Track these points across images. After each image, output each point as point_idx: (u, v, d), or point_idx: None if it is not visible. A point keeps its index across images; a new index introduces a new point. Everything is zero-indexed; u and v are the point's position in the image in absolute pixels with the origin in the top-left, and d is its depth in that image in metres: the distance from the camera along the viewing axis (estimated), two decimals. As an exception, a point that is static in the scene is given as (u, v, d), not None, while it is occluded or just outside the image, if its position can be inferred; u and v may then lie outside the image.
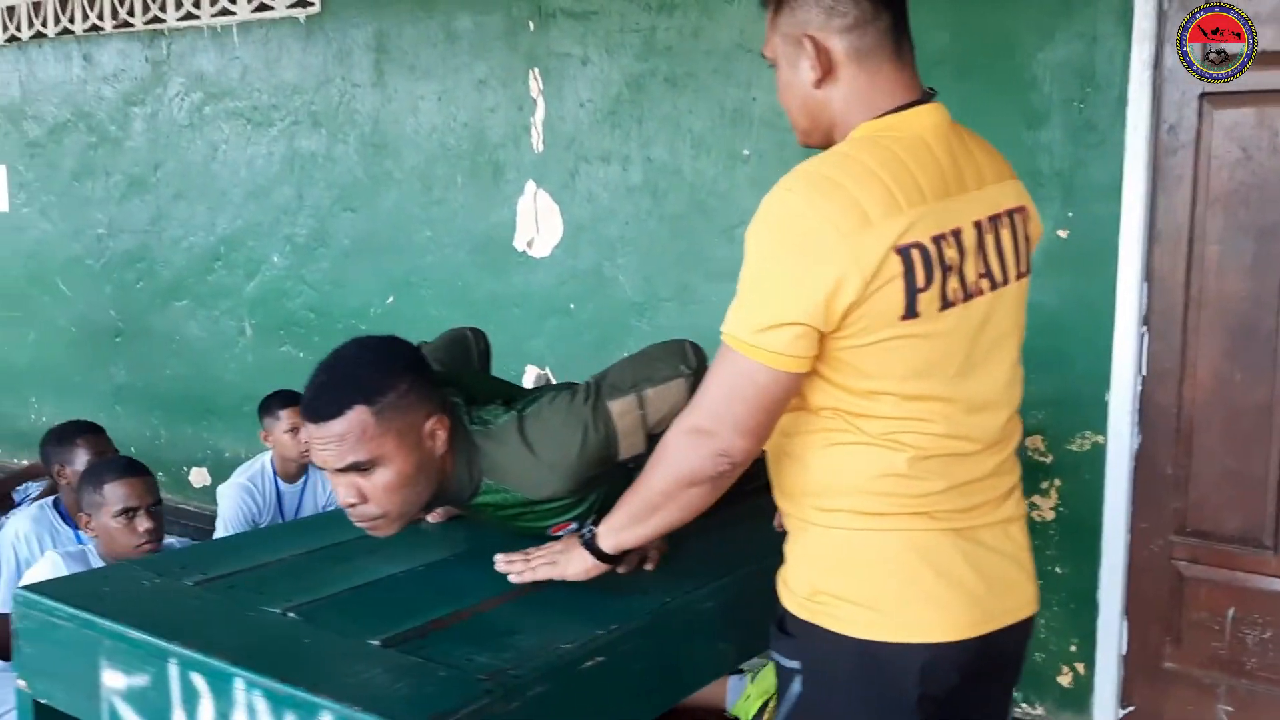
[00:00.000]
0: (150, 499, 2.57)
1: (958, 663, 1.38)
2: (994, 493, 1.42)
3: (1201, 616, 2.85)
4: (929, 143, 1.36)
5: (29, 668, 1.56)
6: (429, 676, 1.31)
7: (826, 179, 1.30)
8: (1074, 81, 2.83)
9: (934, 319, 1.32)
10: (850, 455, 1.36)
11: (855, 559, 1.37)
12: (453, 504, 1.77)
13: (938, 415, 1.35)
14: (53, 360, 5.42)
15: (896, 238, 1.28)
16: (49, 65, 5.18)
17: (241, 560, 1.72)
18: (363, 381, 1.55)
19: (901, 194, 1.29)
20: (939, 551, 1.37)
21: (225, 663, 1.33)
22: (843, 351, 1.32)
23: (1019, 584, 1.45)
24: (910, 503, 1.36)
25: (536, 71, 3.75)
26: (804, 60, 1.39)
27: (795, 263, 1.28)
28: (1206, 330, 2.79)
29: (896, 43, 1.39)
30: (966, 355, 1.37)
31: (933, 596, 1.36)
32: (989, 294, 1.38)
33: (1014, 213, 1.45)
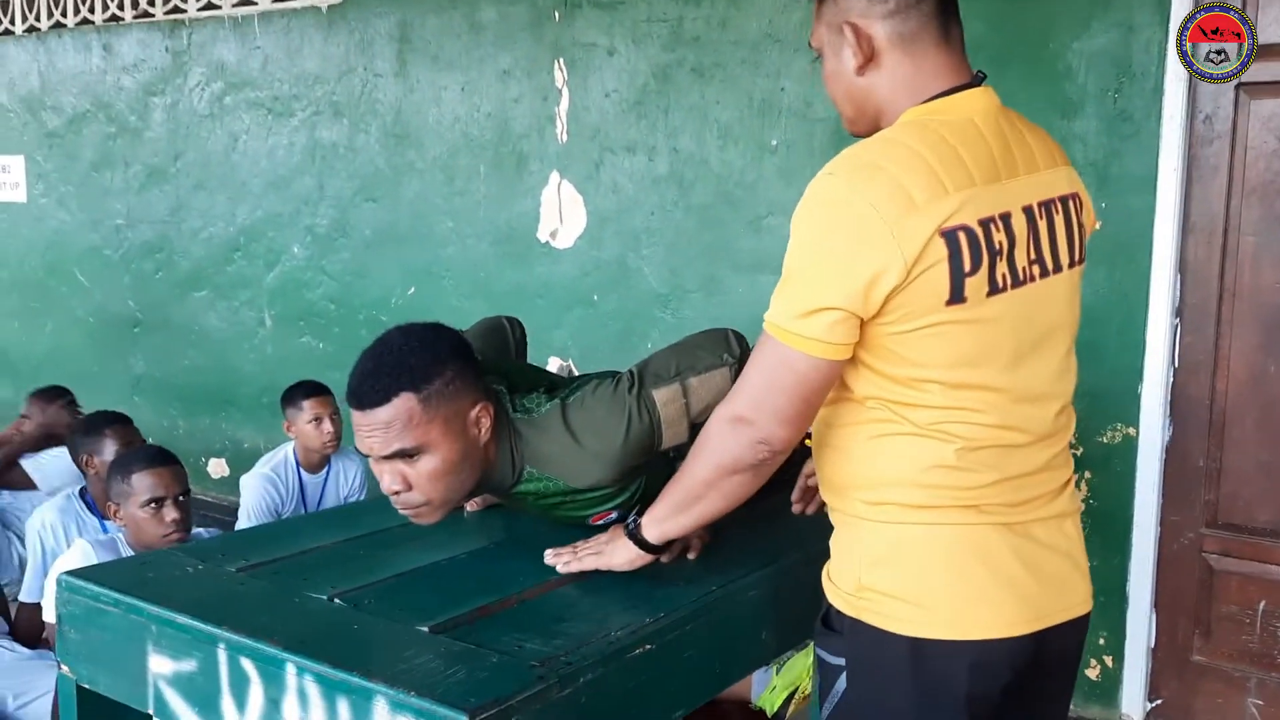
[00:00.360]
0: (178, 489, 2.56)
1: (1009, 661, 1.35)
2: (1047, 487, 1.39)
3: (1231, 610, 2.84)
4: (978, 126, 1.33)
5: (73, 653, 1.55)
6: (481, 662, 1.29)
7: (870, 163, 1.28)
8: (1110, 71, 2.82)
9: (982, 304, 1.29)
10: (897, 447, 1.34)
11: (903, 554, 1.35)
12: (495, 492, 1.76)
13: (987, 405, 1.32)
14: (71, 351, 5.43)
15: (942, 221, 1.25)
16: (68, 55, 5.18)
17: (283, 547, 1.71)
18: (409, 369, 1.54)
19: (948, 177, 1.27)
20: (989, 547, 1.34)
21: (276, 648, 1.32)
22: (887, 338, 1.30)
23: (1073, 581, 1.41)
24: (960, 495, 1.33)
25: (561, 62, 3.74)
26: (846, 48, 1.37)
27: (837, 247, 1.27)
28: (1240, 322, 2.78)
29: (943, 26, 1.37)
30: (1017, 344, 1.34)
31: (983, 593, 1.34)
32: (1040, 281, 1.35)
33: (1068, 199, 1.41)
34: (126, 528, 2.56)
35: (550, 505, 1.74)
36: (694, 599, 1.54)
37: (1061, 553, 1.40)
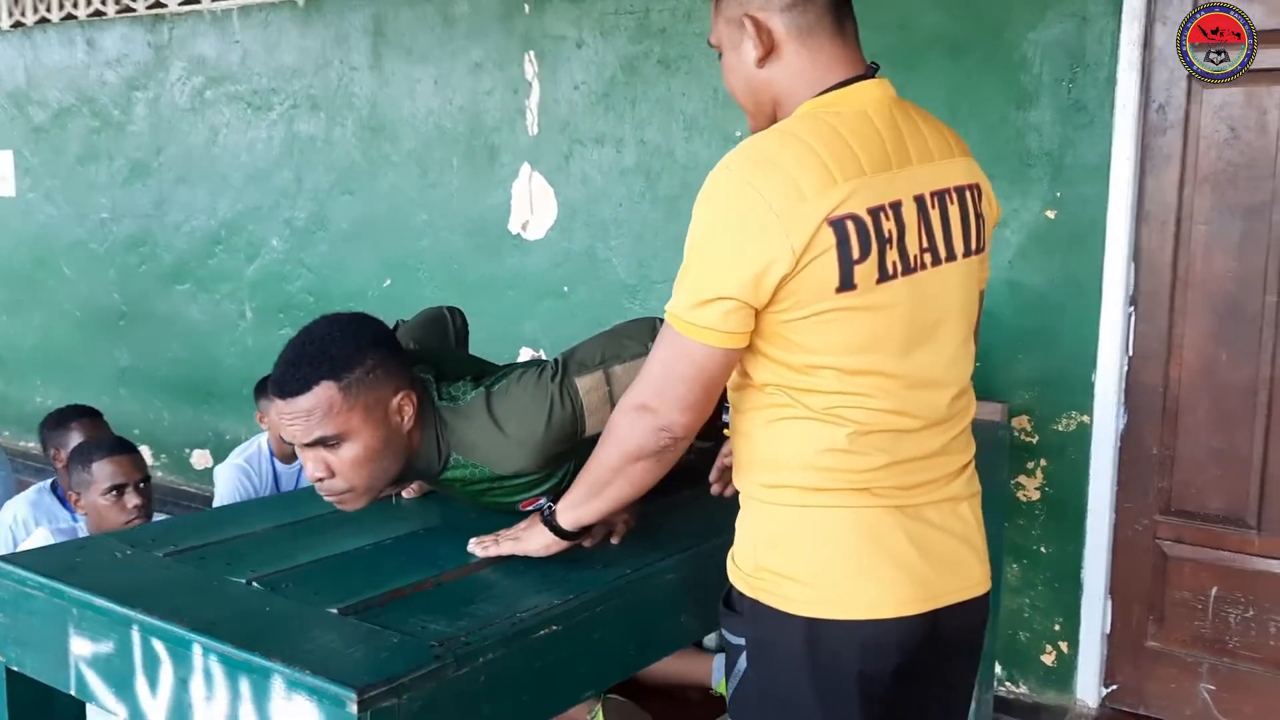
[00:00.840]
0: (138, 475, 2.61)
1: (899, 640, 1.38)
2: (942, 471, 1.42)
3: (1185, 596, 2.86)
4: (870, 117, 1.36)
5: (3, 637, 1.59)
6: (382, 642, 1.32)
7: (762, 156, 1.31)
8: (1064, 61, 2.83)
9: (872, 291, 1.32)
10: (792, 430, 1.37)
11: (798, 536, 1.38)
12: (422, 479, 1.79)
13: (879, 390, 1.35)
14: (58, 343, 5.48)
15: (830, 210, 1.28)
16: (53, 50, 5.23)
17: (214, 533, 1.74)
18: (330, 358, 1.57)
19: (837, 167, 1.29)
20: (881, 529, 1.37)
21: (184, 629, 1.35)
22: (781, 326, 1.33)
23: (967, 562, 1.44)
24: (852, 478, 1.36)
25: (532, 54, 3.76)
26: (746, 41, 1.39)
27: (729, 239, 1.30)
28: (1193, 310, 2.79)
29: (838, 20, 1.40)
30: (908, 330, 1.36)
31: (874, 573, 1.37)
32: (932, 269, 1.38)
33: (964, 189, 1.43)
34: (88, 516, 2.60)
35: (478, 492, 1.77)
36: (606, 582, 1.56)
37: (956, 535, 1.43)
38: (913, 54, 3.01)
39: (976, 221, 1.45)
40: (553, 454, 1.70)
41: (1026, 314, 2.93)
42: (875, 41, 2.99)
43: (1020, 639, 3.04)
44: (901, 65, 3.03)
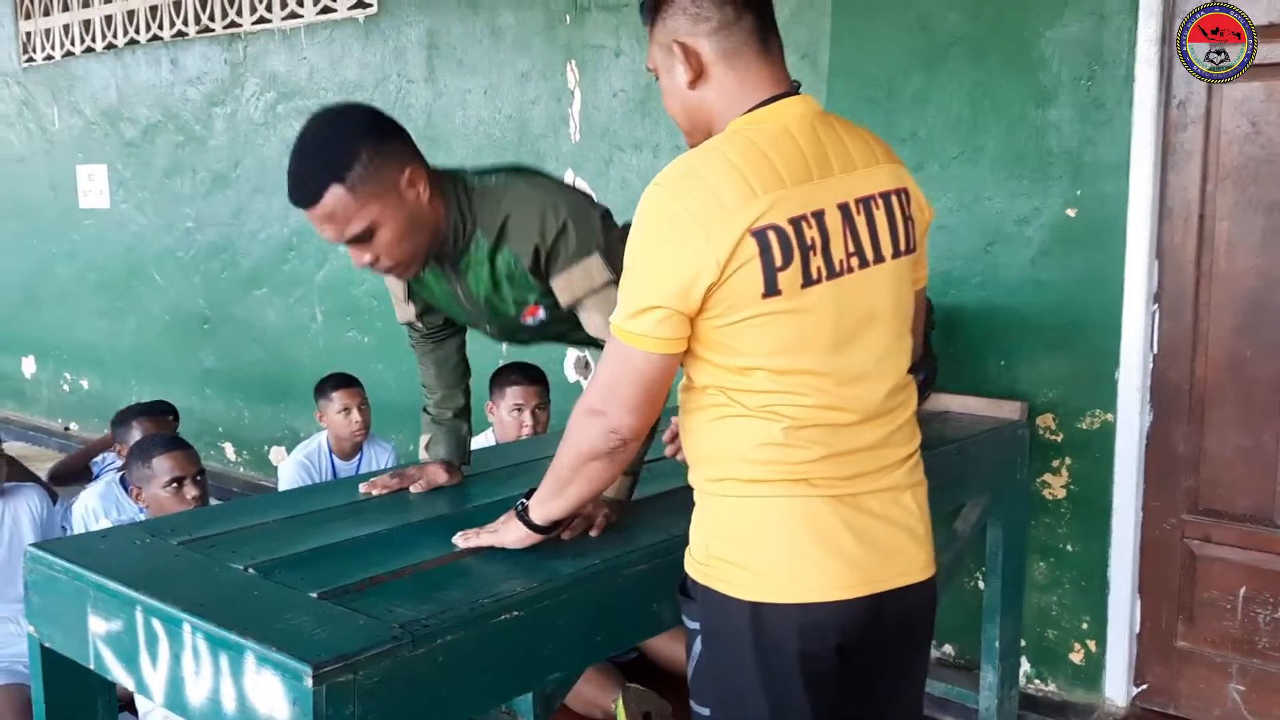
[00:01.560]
0: (195, 469, 2.80)
1: (839, 623, 1.45)
2: (881, 462, 1.49)
3: (1213, 595, 2.83)
4: (792, 132, 1.43)
5: (37, 615, 1.77)
6: (349, 624, 1.45)
7: (687, 171, 1.40)
8: (1082, 60, 2.83)
9: (797, 295, 1.39)
10: (732, 427, 1.45)
11: (740, 525, 1.47)
12: (447, 259, 1.87)
13: (810, 388, 1.42)
14: (150, 346, 5.81)
15: (751, 221, 1.36)
16: (141, 70, 5.54)
17: (227, 524, 1.90)
18: (327, 163, 1.66)
19: (757, 181, 1.37)
20: (819, 517, 1.44)
21: (178, 610, 1.50)
22: (714, 331, 1.41)
23: (906, 549, 1.51)
24: (790, 470, 1.44)
25: (573, 64, 3.88)
26: (677, 65, 1.48)
27: (659, 251, 1.39)
28: (1218, 307, 2.77)
29: (763, 41, 1.47)
30: (836, 330, 1.43)
31: (813, 559, 1.44)
32: (859, 271, 1.45)
33: (890, 194, 1.50)
34: (150, 508, 2.79)
35: (490, 289, 1.88)
36: (573, 571, 1.67)
37: (896, 524, 1.50)
38: (933, 54, 3.04)
39: (905, 224, 1.52)
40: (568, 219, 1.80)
41: (1049, 312, 2.93)
42: (896, 42, 3.07)
43: (1048, 637, 3.05)
44: (922, 65, 3.07)
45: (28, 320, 6.56)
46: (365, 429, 3.80)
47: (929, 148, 3.08)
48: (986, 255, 3.01)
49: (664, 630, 1.83)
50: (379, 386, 4.11)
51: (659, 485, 2.09)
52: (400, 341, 4.68)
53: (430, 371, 2.19)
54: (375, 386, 3.90)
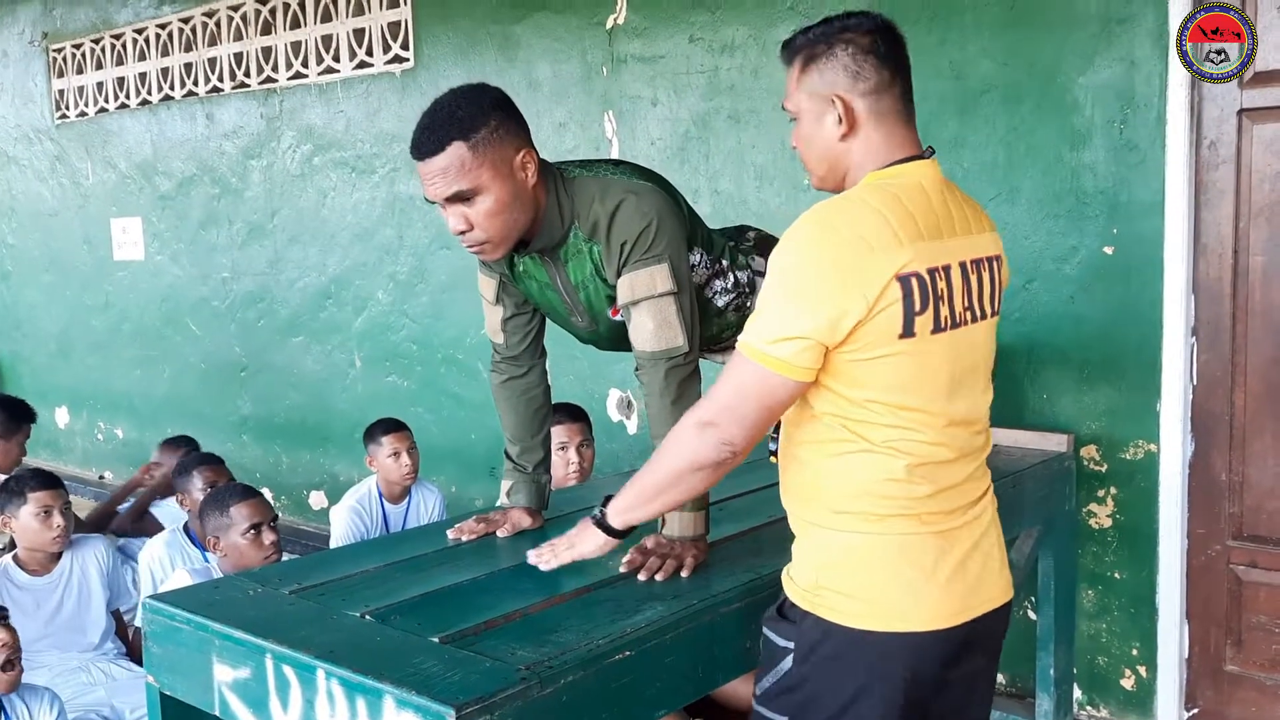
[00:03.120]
0: (271, 514, 2.89)
1: (940, 651, 1.58)
2: (969, 497, 1.63)
3: (1261, 620, 2.90)
4: (926, 190, 1.58)
5: (156, 664, 1.85)
6: (476, 667, 1.53)
7: (840, 215, 1.52)
8: (1114, 103, 2.94)
9: (926, 340, 1.53)
10: (856, 462, 1.57)
11: (854, 558, 1.58)
12: (546, 247, 1.96)
13: (924, 425, 1.55)
14: (186, 394, 5.90)
15: (898, 268, 1.49)
16: (176, 124, 5.67)
17: (331, 572, 1.99)
18: (458, 120, 1.79)
19: (902, 231, 1.51)
20: (925, 552, 1.57)
21: (310, 657, 1.58)
22: (847, 364, 1.53)
23: (992, 576, 1.65)
24: (906, 505, 1.56)
25: (611, 114, 4.00)
26: (829, 116, 1.59)
27: (810, 285, 1.50)
28: (1255, 338, 2.86)
29: (906, 106, 1.62)
30: (951, 375, 1.57)
31: (919, 592, 1.56)
32: (972, 325, 1.60)
33: (992, 260, 1.67)
34: (228, 557, 2.87)
35: (583, 280, 1.98)
36: (675, 611, 1.75)
37: (983, 552, 1.64)
38: (968, 101, 3.16)
39: (996, 288, 1.68)
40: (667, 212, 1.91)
41: (1090, 346, 3.03)
42: (932, 90, 3.19)
43: (1099, 663, 3.12)
44: (957, 112, 3.18)
45: (61, 371, 6.66)
46: (414, 472, 3.88)
47: (966, 189, 3.10)
48: (1026, 292, 3.11)
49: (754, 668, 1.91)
50: (420, 431, 4.19)
51: (737, 525, 2.18)
52: (440, 385, 4.79)
53: (510, 417, 2.25)
54: (416, 431, 3.97)
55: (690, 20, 3.74)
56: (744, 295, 2.17)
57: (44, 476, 3.21)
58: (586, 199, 1.91)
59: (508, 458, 2.26)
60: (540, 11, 4.16)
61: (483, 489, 4.56)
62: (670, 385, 1.94)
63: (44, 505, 3.10)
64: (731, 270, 2.15)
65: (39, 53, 6.41)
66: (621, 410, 4.12)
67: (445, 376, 4.69)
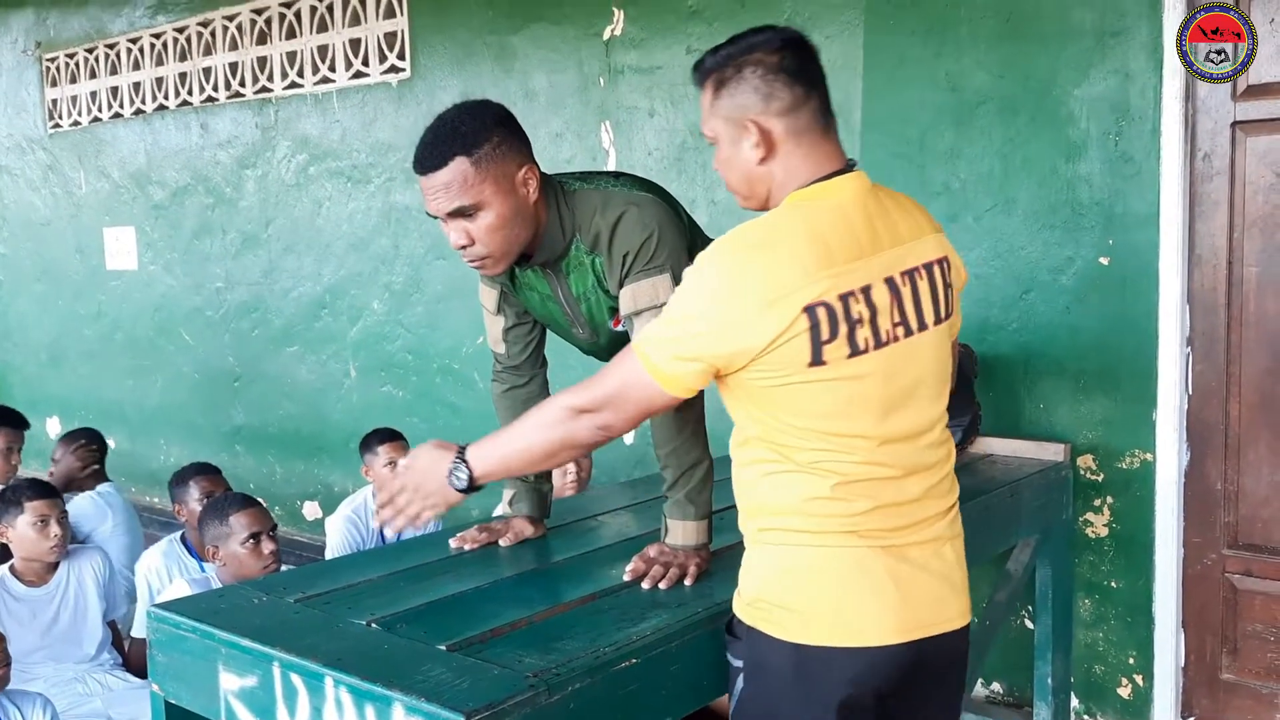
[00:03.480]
0: (270, 524, 2.89)
1: (880, 668, 1.54)
2: (923, 514, 1.58)
3: (1256, 628, 2.92)
4: (845, 208, 1.53)
5: (161, 673, 1.84)
6: (485, 674, 1.54)
7: (755, 243, 1.49)
8: (1109, 116, 2.97)
9: (842, 365, 1.49)
10: (783, 482, 1.55)
11: (790, 570, 1.56)
12: (548, 260, 1.97)
13: (857, 448, 1.52)
14: (179, 404, 5.88)
15: (805, 300, 1.46)
16: (171, 134, 5.67)
17: (335, 580, 1.99)
18: (461, 135, 1.79)
19: (813, 260, 1.47)
20: (865, 566, 1.53)
21: (318, 665, 1.58)
22: (764, 390, 1.51)
23: (946, 599, 1.60)
24: (839, 522, 1.53)
25: (608, 124, 4.02)
26: (746, 140, 1.55)
27: (715, 312, 1.48)
28: (1250, 349, 2.88)
29: (824, 120, 1.58)
30: (886, 395, 1.53)
31: (857, 606, 1.53)
32: (904, 341, 1.55)
33: (933, 264, 1.60)
34: (227, 566, 2.86)
35: (585, 292, 1.98)
36: (680, 619, 1.76)
37: (936, 574, 1.59)
38: (963, 112, 3.18)
39: (945, 291, 1.62)
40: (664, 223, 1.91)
41: (1086, 356, 3.05)
42: (928, 102, 3.21)
43: (1096, 672, 3.13)
44: (953, 122, 3.21)
45: (52, 381, 6.64)
46: (411, 483, 3.87)
47: (962, 200, 3.22)
48: (1022, 303, 3.13)
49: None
50: (415, 440, 4.17)
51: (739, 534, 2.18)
52: (436, 395, 4.79)
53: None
54: (412, 441, 3.97)
55: (687, 31, 3.77)
56: None
57: (41, 486, 3.20)
58: (588, 212, 1.92)
59: (509, 467, 2.26)
60: (537, 23, 4.18)
61: (479, 499, 4.51)
62: None
63: (41, 515, 3.09)
64: None
65: (32, 62, 6.40)
66: (618, 420, 4.13)
67: (441, 386, 4.70)
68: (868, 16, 3.36)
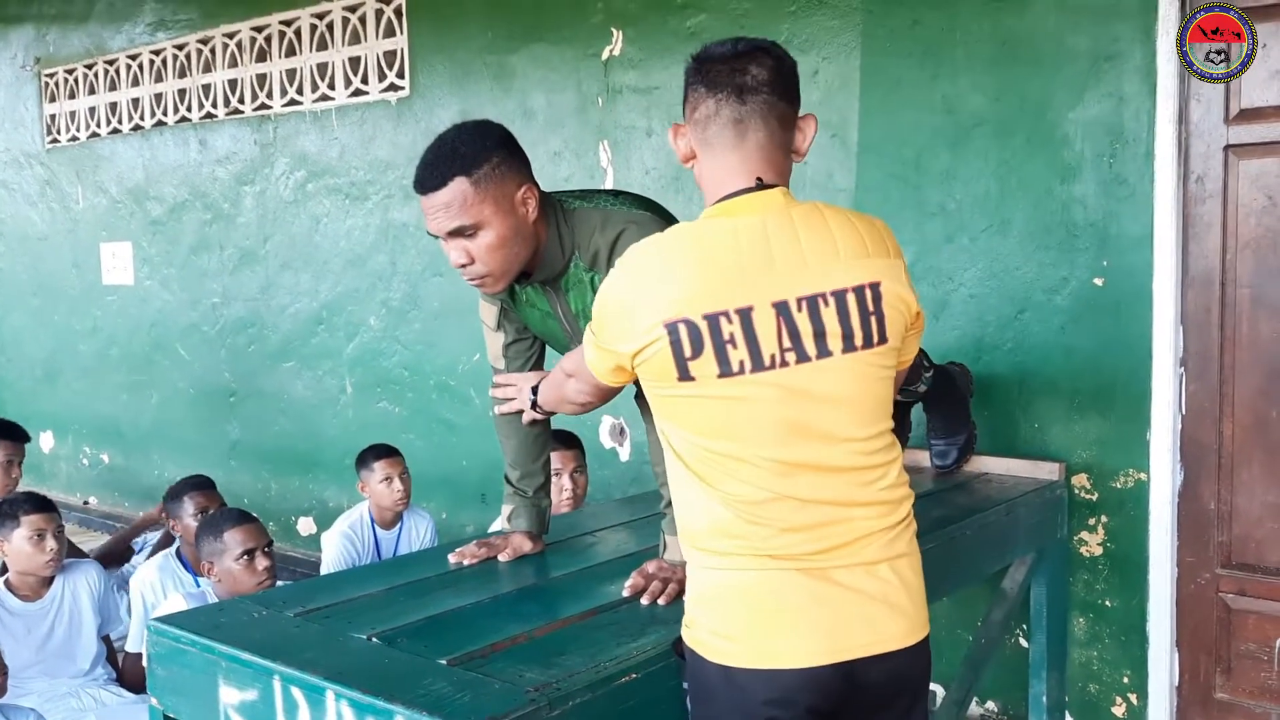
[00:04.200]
0: (265, 540, 2.89)
1: (806, 690, 1.50)
2: (850, 536, 1.52)
3: (1250, 647, 2.93)
4: (739, 229, 1.50)
5: (160, 687, 1.85)
6: (486, 688, 1.54)
7: (639, 256, 1.53)
8: (1104, 138, 3.00)
9: (713, 384, 1.48)
10: (697, 503, 1.54)
11: (711, 592, 1.54)
12: (548, 278, 1.99)
13: (754, 474, 1.50)
14: (174, 420, 5.88)
15: (667, 315, 1.47)
16: (169, 150, 5.69)
17: (335, 595, 1.99)
18: (460, 156, 1.81)
19: (686, 275, 1.47)
20: (783, 588, 1.50)
21: (319, 679, 1.59)
22: (658, 400, 1.55)
23: (878, 619, 1.53)
24: (753, 546, 1.50)
25: (606, 143, 4.04)
26: (676, 142, 1.62)
27: (606, 312, 1.56)
28: (1243, 370, 2.91)
29: (737, 134, 1.53)
30: (779, 419, 1.49)
31: (775, 628, 1.50)
32: (798, 366, 1.49)
33: (854, 290, 1.52)
34: (222, 582, 2.86)
35: (583, 309, 1.99)
36: (678, 634, 1.76)
37: (869, 595, 1.52)
38: (959, 134, 3.21)
39: (868, 318, 1.53)
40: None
41: (1081, 376, 3.07)
42: (924, 123, 3.25)
43: (1091, 691, 3.14)
44: (949, 144, 3.24)
45: (46, 396, 6.63)
46: (407, 498, 3.88)
47: (958, 221, 3.24)
48: (1017, 322, 3.16)
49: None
50: (411, 457, 4.18)
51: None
52: (432, 412, 4.79)
53: (511, 443, 2.27)
54: (408, 457, 3.97)
55: (686, 52, 3.71)
56: None
57: (37, 500, 3.19)
58: (587, 230, 1.94)
59: (508, 482, 2.28)
60: (537, 43, 4.22)
61: (474, 515, 4.57)
62: None
63: (37, 529, 3.09)
64: None
65: (31, 77, 6.42)
66: (614, 437, 4.14)
67: (437, 403, 4.70)
68: (865, 39, 3.39)
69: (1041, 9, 3.07)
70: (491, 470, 2.28)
